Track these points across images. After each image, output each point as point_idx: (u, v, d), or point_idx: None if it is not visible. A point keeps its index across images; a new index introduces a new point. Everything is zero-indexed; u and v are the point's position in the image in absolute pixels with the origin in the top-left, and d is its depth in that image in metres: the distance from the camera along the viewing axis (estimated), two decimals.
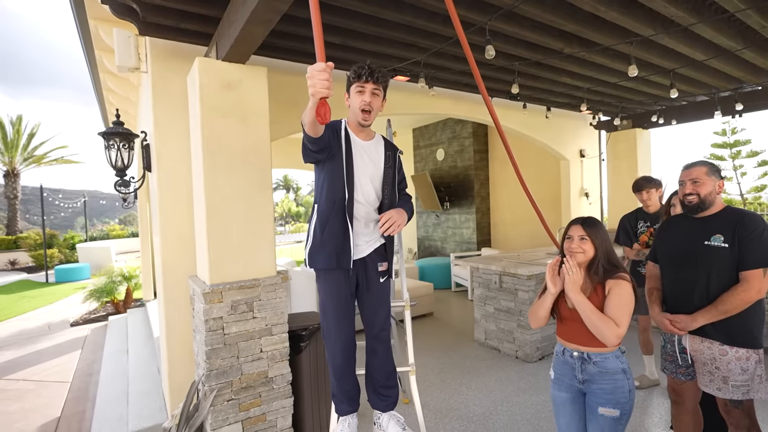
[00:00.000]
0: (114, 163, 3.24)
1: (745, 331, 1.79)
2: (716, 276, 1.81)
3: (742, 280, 1.75)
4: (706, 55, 3.48)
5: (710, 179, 1.88)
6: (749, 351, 1.78)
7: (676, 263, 1.96)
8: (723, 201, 1.92)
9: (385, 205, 1.86)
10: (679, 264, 1.94)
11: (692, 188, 1.89)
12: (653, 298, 2.09)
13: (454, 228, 8.35)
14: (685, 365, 1.96)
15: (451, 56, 3.43)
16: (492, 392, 3.45)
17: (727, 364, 1.79)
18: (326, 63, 1.20)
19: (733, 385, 1.78)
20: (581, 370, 1.67)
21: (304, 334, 2.73)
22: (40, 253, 13.96)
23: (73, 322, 7.04)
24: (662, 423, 2.89)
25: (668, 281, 2.01)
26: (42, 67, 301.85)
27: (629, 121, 5.77)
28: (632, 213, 3.42)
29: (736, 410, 1.83)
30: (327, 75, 1.20)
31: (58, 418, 3.64)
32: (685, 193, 1.91)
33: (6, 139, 18.60)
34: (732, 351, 1.79)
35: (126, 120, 3.57)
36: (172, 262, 2.90)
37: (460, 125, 7.93)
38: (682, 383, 1.99)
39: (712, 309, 1.79)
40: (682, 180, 1.95)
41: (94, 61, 4.04)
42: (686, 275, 1.90)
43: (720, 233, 1.82)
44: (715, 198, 1.89)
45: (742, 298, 1.73)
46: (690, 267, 1.89)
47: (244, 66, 2.53)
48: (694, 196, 1.88)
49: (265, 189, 2.63)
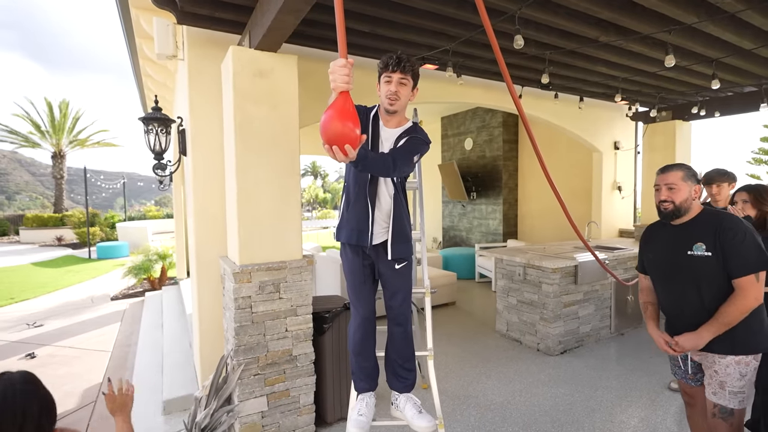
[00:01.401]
0: (152, 146, 3.40)
1: (747, 337, 1.72)
2: (707, 286, 1.76)
3: (738, 289, 1.69)
4: (754, 43, 3.29)
5: (686, 185, 1.81)
6: (749, 356, 1.72)
7: (666, 275, 1.90)
8: (699, 204, 1.86)
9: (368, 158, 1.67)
10: (669, 276, 1.88)
11: (667, 195, 1.82)
12: (648, 314, 2.03)
13: (480, 218, 8.28)
14: (694, 371, 1.92)
15: (481, 44, 3.38)
16: (511, 382, 3.47)
17: (726, 367, 1.73)
18: (347, 59, 1.30)
19: (730, 391, 1.72)
20: None
21: (327, 316, 2.83)
22: (84, 231, 14.80)
23: (114, 296, 7.48)
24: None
25: (662, 293, 1.96)
26: (84, 52, 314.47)
27: (668, 113, 5.52)
28: None
29: (723, 423, 1.73)
30: (347, 70, 1.30)
31: (100, 384, 3.92)
32: (660, 200, 1.85)
33: (54, 122, 19.66)
34: (731, 355, 1.73)
35: (163, 105, 3.73)
36: (205, 243, 3.05)
37: (490, 114, 7.80)
38: (692, 387, 1.96)
39: (714, 323, 1.71)
40: (658, 185, 1.88)
41: (134, 48, 4.22)
42: (677, 288, 1.85)
43: (701, 241, 1.75)
44: (691, 204, 1.82)
45: (742, 308, 1.67)
46: (679, 279, 1.84)
47: (276, 54, 2.60)
48: (669, 203, 1.82)
49: (293, 175, 2.71)
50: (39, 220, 17.46)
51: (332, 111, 1.33)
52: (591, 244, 5.32)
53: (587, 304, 4.33)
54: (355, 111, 1.34)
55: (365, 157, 1.51)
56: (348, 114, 1.33)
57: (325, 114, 1.34)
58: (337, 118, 1.31)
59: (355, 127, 1.33)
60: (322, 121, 1.34)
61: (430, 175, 9.34)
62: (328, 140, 1.34)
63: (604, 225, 5.93)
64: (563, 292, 4.10)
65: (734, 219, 1.73)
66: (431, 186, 9.57)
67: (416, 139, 1.81)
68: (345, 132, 1.31)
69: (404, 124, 1.90)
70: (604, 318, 4.50)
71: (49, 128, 19.61)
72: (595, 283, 4.36)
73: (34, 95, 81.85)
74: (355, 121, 1.33)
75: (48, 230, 16.87)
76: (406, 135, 1.83)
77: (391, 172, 1.66)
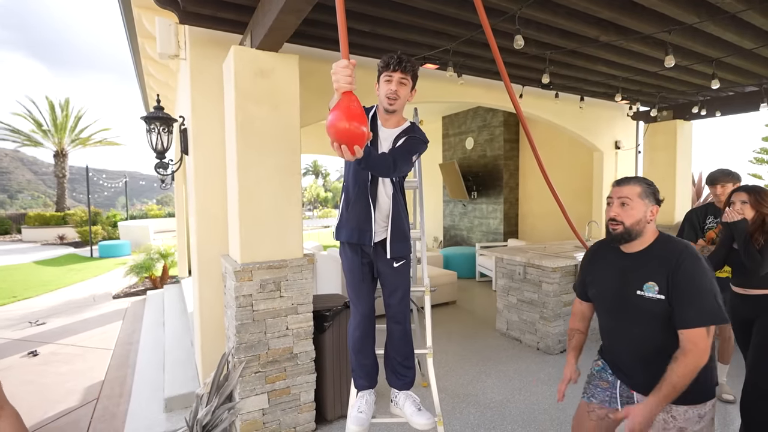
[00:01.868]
0: (154, 145, 3.42)
1: (701, 388, 1.50)
2: (650, 333, 1.53)
3: (686, 342, 1.42)
4: (755, 43, 3.29)
5: (642, 203, 1.54)
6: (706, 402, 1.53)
7: (611, 309, 1.65)
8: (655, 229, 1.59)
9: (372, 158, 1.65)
10: (614, 311, 1.63)
11: (618, 212, 1.56)
12: (574, 343, 1.83)
13: (481, 218, 8.29)
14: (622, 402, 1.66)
15: (482, 44, 3.39)
16: (510, 381, 3.48)
17: (684, 413, 1.50)
18: (349, 60, 1.33)
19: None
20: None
21: (328, 314, 2.84)
22: (86, 230, 14.85)
23: (115, 294, 7.52)
24: None
25: (605, 324, 1.71)
26: (87, 52, 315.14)
27: (669, 112, 5.52)
28: (701, 207, 3.14)
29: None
30: (350, 71, 1.34)
31: (102, 381, 3.95)
32: (610, 217, 1.59)
33: (56, 121, 19.72)
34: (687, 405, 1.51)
35: (165, 104, 3.75)
36: (206, 241, 3.07)
37: (491, 114, 7.80)
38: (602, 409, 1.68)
39: (664, 388, 1.40)
40: (611, 198, 1.61)
41: (137, 47, 4.23)
42: (623, 325, 1.60)
43: (653, 280, 1.49)
44: (644, 227, 1.54)
45: (693, 367, 1.39)
46: (625, 318, 1.59)
47: (277, 54, 2.61)
48: (618, 224, 1.56)
49: (294, 174, 2.72)
50: (41, 219, 17.53)
51: (339, 110, 1.35)
52: (591, 244, 5.32)
53: None
54: (361, 109, 1.36)
55: (369, 156, 1.52)
56: (355, 113, 1.35)
57: (333, 113, 1.36)
58: (345, 118, 1.33)
59: (361, 125, 1.36)
60: (330, 120, 1.36)
61: (431, 174, 9.35)
62: (336, 139, 1.36)
63: (605, 224, 5.93)
64: (563, 291, 4.11)
65: (694, 258, 1.46)
66: (432, 185, 9.58)
67: (414, 138, 1.82)
68: (353, 130, 1.33)
69: (402, 124, 1.91)
70: None
71: (51, 127, 19.68)
72: None
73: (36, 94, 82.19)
74: (362, 120, 1.35)
75: (50, 229, 16.94)
76: (404, 135, 1.84)
77: (391, 172, 1.67)
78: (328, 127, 1.37)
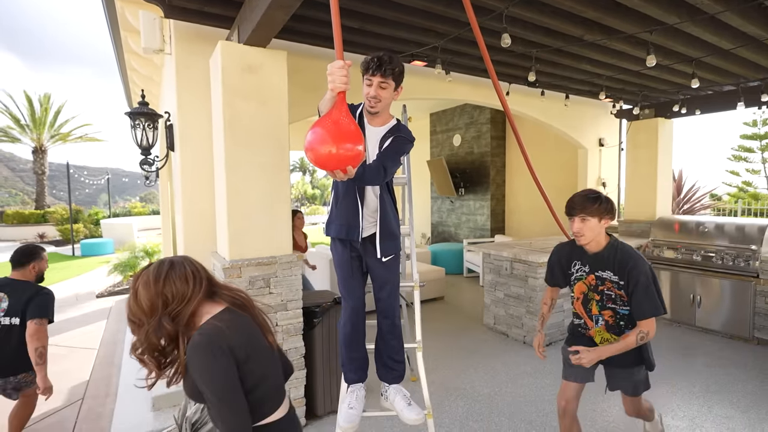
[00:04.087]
0: (139, 142, 3.37)
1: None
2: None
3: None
4: (733, 43, 3.38)
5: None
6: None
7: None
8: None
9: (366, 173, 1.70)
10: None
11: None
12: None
13: (468, 214, 8.36)
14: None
15: (469, 42, 3.42)
16: (498, 374, 3.54)
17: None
18: (344, 61, 1.33)
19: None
20: None
21: (317, 310, 2.85)
22: (67, 228, 14.51)
23: (99, 293, 7.38)
24: None
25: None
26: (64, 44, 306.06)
27: (651, 110, 5.64)
28: (568, 244, 2.18)
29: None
30: (345, 71, 1.33)
31: (87, 381, 3.89)
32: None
33: (34, 116, 19.18)
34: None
35: (149, 100, 3.69)
36: (194, 239, 3.04)
37: (478, 111, 7.86)
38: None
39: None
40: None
41: (119, 41, 4.15)
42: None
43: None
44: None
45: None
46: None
47: (265, 50, 2.60)
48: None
49: (282, 170, 2.72)
50: (19, 217, 17.06)
51: (325, 131, 1.23)
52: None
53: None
54: (353, 124, 1.31)
55: (362, 174, 1.57)
56: (344, 133, 1.25)
57: (318, 132, 1.24)
58: (332, 140, 1.23)
59: (355, 146, 1.26)
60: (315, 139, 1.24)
61: (419, 171, 9.39)
62: (324, 165, 1.26)
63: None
64: None
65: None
66: (420, 182, 9.62)
67: (400, 139, 1.84)
68: (343, 155, 1.25)
69: (389, 122, 1.92)
70: None
71: (29, 122, 19.13)
72: None
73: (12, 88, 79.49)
74: (354, 138, 1.27)
75: (29, 227, 16.50)
76: (390, 135, 1.85)
77: (382, 179, 1.73)
78: (312, 146, 1.26)
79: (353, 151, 1.28)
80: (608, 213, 1.90)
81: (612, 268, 1.93)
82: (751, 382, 3.36)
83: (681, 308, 4.72)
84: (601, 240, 1.96)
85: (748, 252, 4.20)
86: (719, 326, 4.40)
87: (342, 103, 1.33)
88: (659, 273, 4.91)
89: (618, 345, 1.88)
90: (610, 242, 1.97)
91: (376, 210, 1.93)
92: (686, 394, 3.19)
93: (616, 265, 1.91)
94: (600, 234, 1.94)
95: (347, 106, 1.36)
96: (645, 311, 1.85)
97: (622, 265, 1.89)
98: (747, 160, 11.57)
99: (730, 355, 3.90)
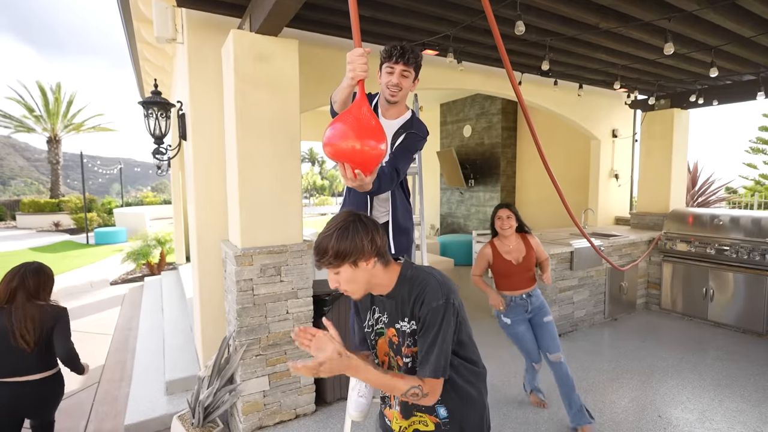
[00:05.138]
0: (152, 131, 3.40)
1: None
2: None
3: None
4: (755, 31, 3.29)
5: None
6: None
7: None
8: None
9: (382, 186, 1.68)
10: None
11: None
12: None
13: (478, 206, 8.32)
14: None
15: (482, 30, 3.37)
16: (505, 365, 3.55)
17: None
18: (364, 49, 1.32)
19: None
20: (529, 304, 2.77)
21: (327, 299, 2.88)
22: (81, 217, 14.77)
23: (113, 281, 7.53)
24: None
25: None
26: (77, 34, 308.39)
27: (667, 101, 5.52)
28: None
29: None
30: (365, 59, 1.33)
31: (103, 366, 3.99)
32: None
33: (48, 106, 19.43)
34: None
35: (161, 90, 3.71)
36: (206, 227, 3.08)
37: (489, 101, 7.78)
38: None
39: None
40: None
41: (132, 31, 4.17)
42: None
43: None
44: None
45: None
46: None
47: (277, 38, 2.59)
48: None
49: (293, 159, 2.73)
50: (36, 206, 17.39)
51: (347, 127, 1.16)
52: (587, 231, 5.38)
53: (582, 290, 4.40)
54: (375, 119, 1.26)
55: (378, 188, 1.58)
56: (367, 129, 1.18)
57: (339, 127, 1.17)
58: (356, 136, 1.16)
59: (378, 144, 1.19)
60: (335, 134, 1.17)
61: (429, 162, 9.34)
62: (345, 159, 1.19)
63: (601, 212, 5.98)
64: (559, 277, 4.17)
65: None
66: (429, 173, 9.58)
67: (413, 136, 1.82)
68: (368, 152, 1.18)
69: (403, 115, 1.89)
70: (598, 303, 4.58)
71: (43, 112, 19.39)
72: (590, 269, 4.43)
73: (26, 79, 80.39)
74: (378, 136, 1.21)
75: (45, 216, 16.82)
76: (404, 131, 1.83)
77: (396, 182, 1.73)
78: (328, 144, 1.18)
79: (377, 149, 1.21)
80: (365, 253, 1.17)
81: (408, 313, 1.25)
82: (763, 376, 3.33)
83: (693, 302, 4.67)
84: (385, 280, 1.25)
85: (763, 246, 4.13)
86: (732, 320, 4.35)
87: (363, 95, 1.30)
88: (672, 266, 4.85)
89: (385, 378, 1.18)
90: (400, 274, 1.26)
91: (387, 199, 1.93)
92: (696, 387, 3.17)
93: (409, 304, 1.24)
94: (376, 276, 1.23)
95: (367, 97, 1.33)
96: (425, 367, 1.19)
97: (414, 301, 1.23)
98: (765, 153, 11.30)
99: (742, 350, 3.86)
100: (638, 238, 4.93)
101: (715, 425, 2.68)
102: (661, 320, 4.72)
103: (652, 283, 5.11)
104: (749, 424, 2.69)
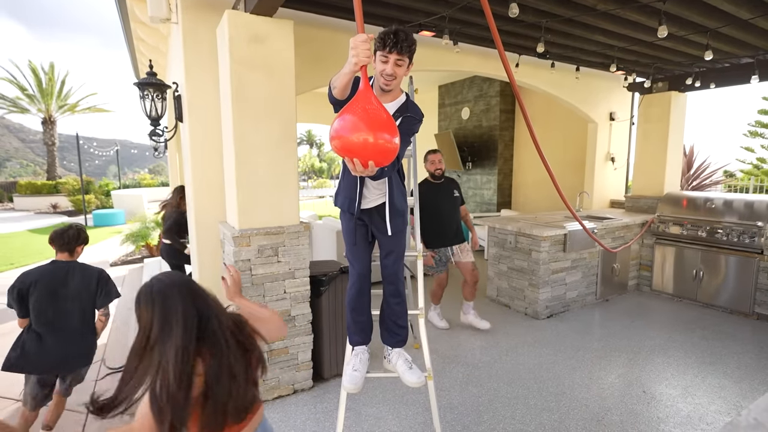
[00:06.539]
0: (148, 112, 3.40)
1: None
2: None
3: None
4: (752, 13, 3.28)
5: None
6: None
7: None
8: None
9: (385, 171, 1.75)
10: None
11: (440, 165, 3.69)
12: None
13: (475, 188, 8.36)
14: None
15: (478, 11, 3.34)
16: (498, 344, 3.65)
17: None
18: (367, 35, 1.34)
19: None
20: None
21: (324, 279, 2.94)
22: (79, 198, 14.76)
23: (113, 262, 7.59)
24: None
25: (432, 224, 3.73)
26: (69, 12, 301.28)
27: (664, 84, 5.51)
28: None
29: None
30: (369, 45, 1.35)
31: (105, 344, 4.07)
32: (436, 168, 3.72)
33: (41, 86, 19.16)
34: None
35: (156, 70, 3.69)
36: (204, 208, 3.12)
37: (488, 84, 7.73)
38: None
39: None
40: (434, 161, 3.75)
41: (125, 10, 4.12)
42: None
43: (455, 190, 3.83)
44: None
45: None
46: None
47: (272, 19, 2.58)
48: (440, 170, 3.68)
49: (289, 141, 2.75)
50: (33, 188, 17.36)
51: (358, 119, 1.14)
52: (582, 214, 5.43)
53: (575, 272, 4.49)
54: (386, 112, 1.27)
55: (381, 173, 1.63)
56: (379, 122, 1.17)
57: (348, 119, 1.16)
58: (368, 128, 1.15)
59: (392, 138, 1.18)
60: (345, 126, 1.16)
61: (426, 144, 9.32)
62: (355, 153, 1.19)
63: (596, 195, 6.03)
64: (552, 259, 4.25)
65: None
66: None
67: (410, 119, 1.85)
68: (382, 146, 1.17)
69: (398, 98, 1.90)
70: (590, 285, 4.67)
71: (36, 92, 19.15)
72: (583, 251, 4.51)
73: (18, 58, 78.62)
74: (391, 129, 1.21)
75: (42, 198, 16.81)
76: (400, 114, 1.84)
77: (396, 166, 1.82)
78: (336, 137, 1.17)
79: (391, 143, 1.21)
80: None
81: None
82: (746, 354, 3.44)
83: (683, 283, 4.76)
84: None
85: (754, 228, 4.20)
86: (720, 301, 4.46)
87: (367, 85, 1.33)
88: (663, 249, 4.93)
89: None
90: None
91: (384, 181, 1.96)
92: (681, 365, 3.28)
93: None
94: None
95: (375, 95, 1.34)
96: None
97: None
98: (763, 137, 11.28)
99: (728, 329, 3.97)
100: (632, 221, 4.99)
101: (696, 400, 2.79)
102: (651, 301, 4.83)
103: (644, 265, 5.20)
104: (729, 399, 2.81)
